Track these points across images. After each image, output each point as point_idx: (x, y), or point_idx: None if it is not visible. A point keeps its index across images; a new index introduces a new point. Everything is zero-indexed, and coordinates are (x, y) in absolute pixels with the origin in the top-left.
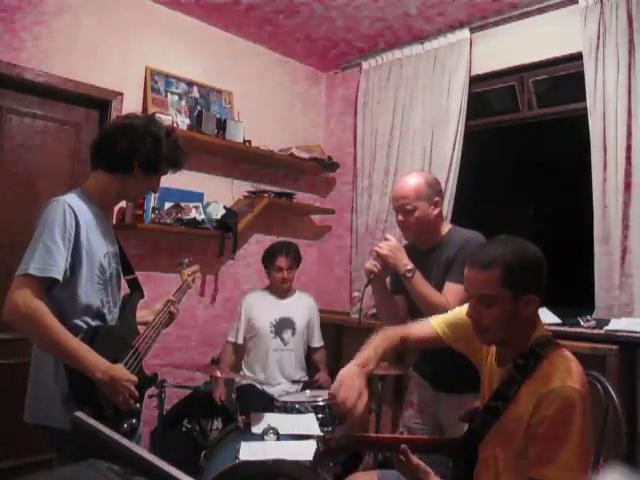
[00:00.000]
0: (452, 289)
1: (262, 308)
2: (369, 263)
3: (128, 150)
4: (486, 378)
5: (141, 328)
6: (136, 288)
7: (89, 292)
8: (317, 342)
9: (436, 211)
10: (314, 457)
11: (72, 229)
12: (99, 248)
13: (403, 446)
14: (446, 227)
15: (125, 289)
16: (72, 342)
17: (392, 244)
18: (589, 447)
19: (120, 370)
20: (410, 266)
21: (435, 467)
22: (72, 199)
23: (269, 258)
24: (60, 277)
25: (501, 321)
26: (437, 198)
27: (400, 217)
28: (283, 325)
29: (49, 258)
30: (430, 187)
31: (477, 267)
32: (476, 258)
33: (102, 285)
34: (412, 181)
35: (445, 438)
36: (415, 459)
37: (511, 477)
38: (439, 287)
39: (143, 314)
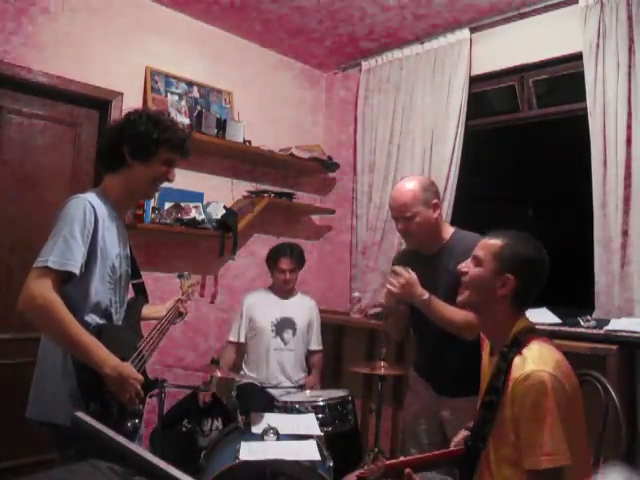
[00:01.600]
0: None
1: (263, 307)
2: (383, 299)
3: (116, 141)
4: (482, 369)
5: (150, 325)
6: (141, 292)
7: (99, 290)
8: (314, 345)
9: (436, 214)
10: None
11: (91, 226)
12: (113, 248)
13: (407, 470)
14: (449, 230)
15: (130, 293)
16: (84, 336)
17: (402, 281)
18: (572, 427)
19: (128, 368)
20: (425, 296)
21: None
22: (92, 198)
23: (272, 259)
24: (77, 272)
25: (477, 283)
26: (435, 200)
27: (400, 225)
28: (284, 325)
29: (68, 252)
30: (426, 191)
31: (489, 236)
32: (494, 232)
33: (112, 285)
34: (407, 188)
35: (457, 450)
36: None
37: (506, 469)
38: (449, 295)
39: (157, 309)
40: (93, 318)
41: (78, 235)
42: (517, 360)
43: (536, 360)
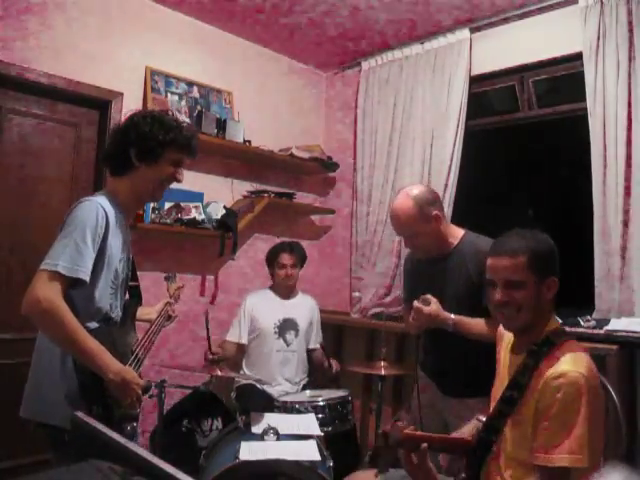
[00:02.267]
0: None
1: (266, 308)
2: (409, 329)
3: (122, 144)
4: (500, 367)
5: (143, 329)
6: (136, 295)
7: (103, 296)
8: (313, 344)
9: (439, 224)
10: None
11: (102, 232)
12: (117, 254)
13: (424, 445)
14: (457, 233)
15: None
16: (89, 341)
17: (423, 319)
18: (595, 433)
19: (131, 372)
20: (450, 320)
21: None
22: (104, 201)
23: (272, 256)
24: (87, 279)
25: (529, 304)
26: (435, 212)
27: (405, 242)
28: (287, 326)
29: (79, 258)
30: (423, 207)
31: (503, 255)
32: (500, 247)
33: (114, 290)
34: (404, 207)
35: (469, 439)
36: (429, 464)
37: (518, 469)
38: (457, 297)
39: (148, 311)
40: (93, 323)
41: (89, 241)
42: (548, 360)
43: (569, 361)
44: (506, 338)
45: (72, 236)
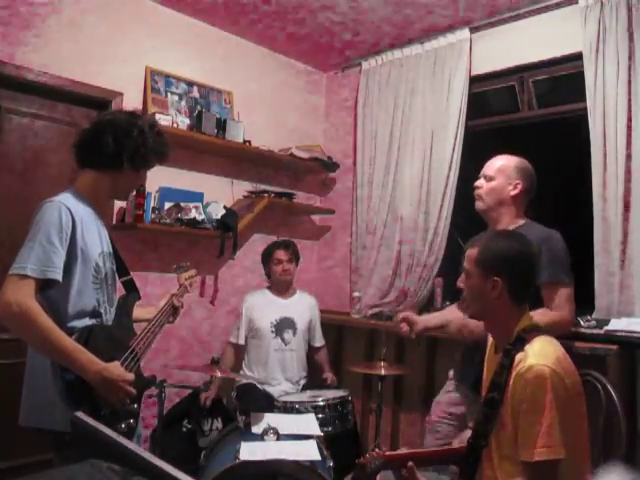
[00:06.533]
0: (563, 294)
1: (263, 308)
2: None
3: (115, 146)
4: (485, 368)
5: (141, 327)
6: (132, 289)
7: (83, 292)
8: (318, 341)
9: (513, 192)
10: None
11: (68, 229)
12: (94, 247)
13: (410, 464)
14: (519, 220)
15: (120, 290)
16: (65, 341)
17: None
18: (568, 421)
19: (114, 370)
20: None
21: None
22: (67, 199)
23: (267, 254)
24: (60, 277)
25: (472, 294)
26: (519, 182)
27: (477, 182)
28: (284, 325)
29: (46, 259)
30: (515, 170)
31: (470, 246)
32: (474, 239)
33: (98, 285)
34: (505, 158)
35: (458, 447)
36: (421, 479)
37: (509, 466)
38: None
39: (149, 310)
40: (82, 321)
41: (56, 240)
42: (519, 356)
43: (537, 355)
44: (490, 339)
45: (37, 238)
